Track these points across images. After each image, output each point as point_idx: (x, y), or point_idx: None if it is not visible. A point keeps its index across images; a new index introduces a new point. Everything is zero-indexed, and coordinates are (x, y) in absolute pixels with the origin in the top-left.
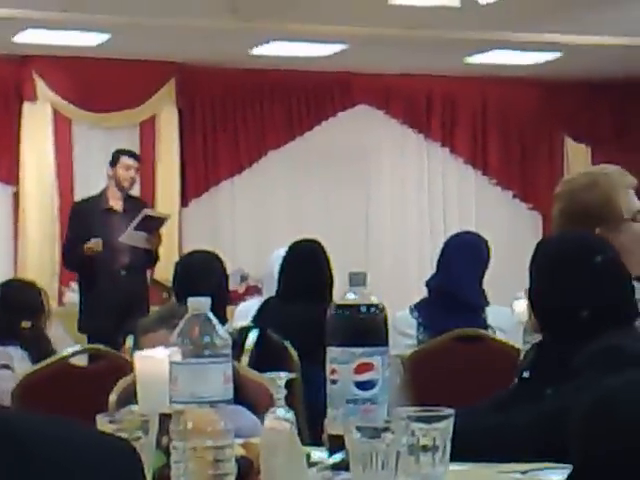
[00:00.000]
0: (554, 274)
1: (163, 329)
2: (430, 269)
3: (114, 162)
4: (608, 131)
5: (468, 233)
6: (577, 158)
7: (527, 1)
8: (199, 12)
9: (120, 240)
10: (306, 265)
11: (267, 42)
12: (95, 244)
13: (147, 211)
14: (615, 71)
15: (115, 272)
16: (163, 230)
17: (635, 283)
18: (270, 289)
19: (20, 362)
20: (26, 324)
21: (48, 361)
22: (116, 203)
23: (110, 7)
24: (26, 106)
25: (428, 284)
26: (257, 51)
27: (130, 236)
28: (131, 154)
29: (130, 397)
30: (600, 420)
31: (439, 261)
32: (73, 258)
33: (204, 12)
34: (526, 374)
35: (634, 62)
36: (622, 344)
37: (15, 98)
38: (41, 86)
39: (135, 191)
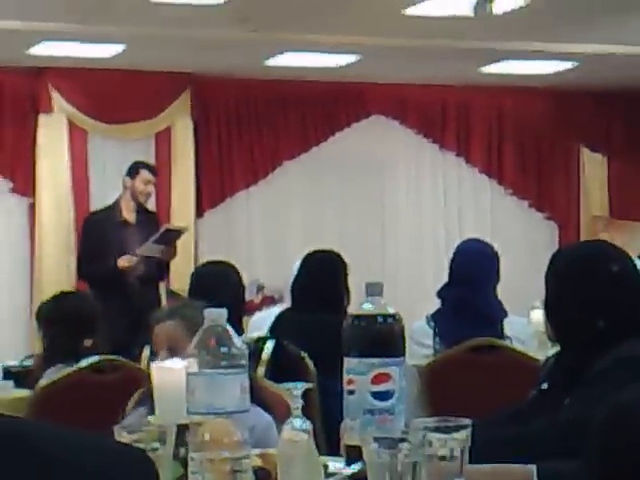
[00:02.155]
0: (570, 284)
1: (172, 320)
2: (446, 279)
3: (133, 174)
4: (624, 141)
5: (476, 241)
6: (593, 168)
7: (541, 10)
8: (213, 23)
9: (138, 252)
10: (322, 275)
11: (281, 53)
12: (128, 261)
13: (167, 225)
14: (631, 80)
15: (129, 283)
16: (179, 241)
17: None
18: (289, 300)
19: None
20: (88, 342)
21: (65, 372)
22: (130, 215)
23: (124, 19)
24: (42, 118)
25: (440, 294)
26: (271, 62)
27: (148, 248)
28: (151, 168)
29: (147, 397)
30: (619, 431)
31: (451, 271)
32: (87, 270)
33: (218, 23)
34: (544, 386)
35: None
36: (638, 353)
37: (31, 110)
38: (57, 98)
39: (151, 202)
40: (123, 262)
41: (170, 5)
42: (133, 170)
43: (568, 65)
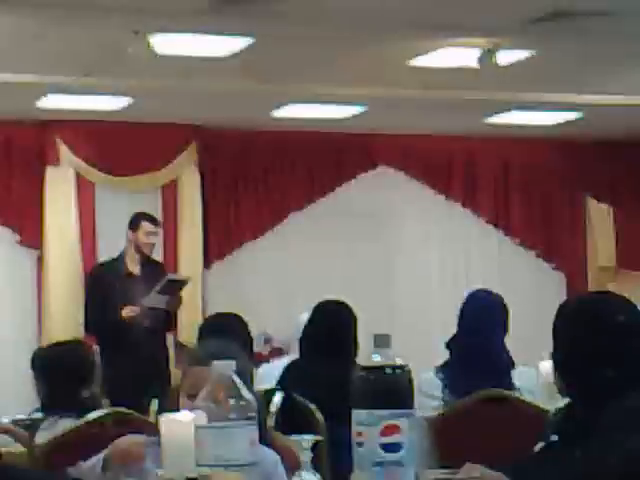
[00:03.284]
0: (577, 335)
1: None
2: (453, 330)
3: (135, 227)
4: (630, 191)
5: (484, 291)
6: (599, 218)
7: (546, 61)
8: (219, 75)
9: (143, 303)
10: (332, 326)
11: (287, 104)
12: (132, 311)
13: (170, 276)
14: (635, 130)
15: (136, 335)
16: (186, 292)
17: None
18: (297, 351)
19: None
20: (85, 393)
21: (73, 426)
22: (134, 268)
23: (130, 71)
24: (49, 170)
25: (449, 345)
26: (277, 113)
27: (152, 299)
28: (152, 219)
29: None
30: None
31: (460, 322)
32: (94, 322)
33: (224, 75)
34: (554, 437)
35: None
36: None
37: (38, 163)
38: (64, 150)
39: (157, 254)
40: (127, 312)
41: (176, 57)
42: (134, 223)
43: (573, 115)
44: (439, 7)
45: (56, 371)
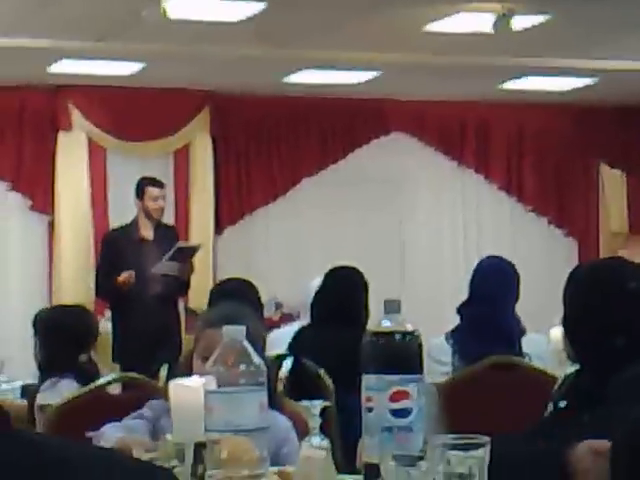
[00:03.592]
0: (587, 302)
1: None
2: (465, 296)
3: (141, 194)
4: None
5: (496, 258)
6: (612, 184)
7: (560, 27)
8: (232, 40)
9: (153, 271)
10: (343, 291)
11: (300, 70)
12: (127, 277)
13: (179, 244)
14: None
15: (147, 301)
16: (197, 258)
17: None
18: (308, 317)
19: None
20: (83, 357)
21: (82, 390)
22: (147, 233)
23: (143, 36)
24: (61, 135)
25: (460, 311)
26: (290, 79)
27: (163, 266)
28: (156, 183)
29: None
30: None
31: (471, 288)
32: (105, 288)
33: (237, 40)
34: (562, 403)
35: None
36: None
37: (50, 128)
38: (76, 116)
39: (169, 219)
40: (120, 278)
41: (189, 22)
42: (139, 190)
43: (587, 81)
44: None
45: (56, 333)
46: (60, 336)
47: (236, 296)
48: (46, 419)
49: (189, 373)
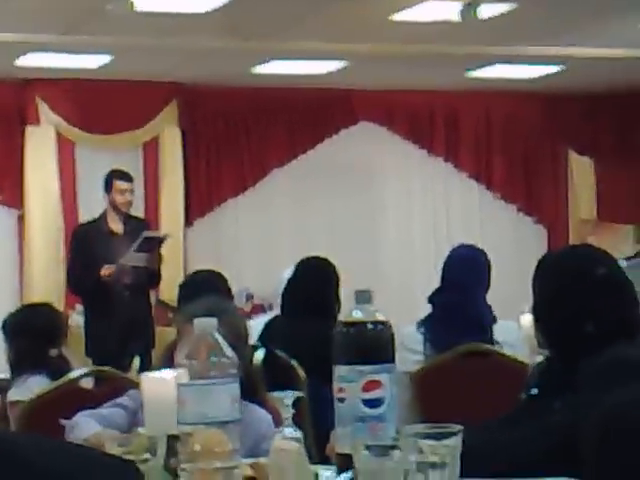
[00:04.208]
0: (556, 289)
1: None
2: (436, 284)
3: (108, 187)
4: (611, 144)
5: (467, 247)
6: (581, 171)
7: (527, 15)
8: (200, 32)
9: (121, 262)
10: (314, 282)
11: (268, 61)
12: (109, 270)
13: (146, 233)
14: (618, 83)
15: (118, 293)
16: (167, 250)
17: None
18: (279, 308)
19: None
20: (53, 352)
21: (54, 384)
22: (116, 226)
23: (110, 29)
24: (29, 129)
25: (431, 299)
26: (258, 70)
27: (130, 257)
28: (123, 176)
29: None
30: (613, 434)
31: (443, 276)
32: (77, 282)
33: (205, 32)
34: (534, 391)
35: (636, 74)
36: (627, 356)
37: (18, 122)
38: (44, 109)
39: (139, 212)
40: (104, 271)
41: (156, 15)
42: (107, 183)
43: (555, 69)
44: None
45: (24, 332)
46: (28, 334)
47: (206, 288)
48: (17, 415)
49: (171, 366)
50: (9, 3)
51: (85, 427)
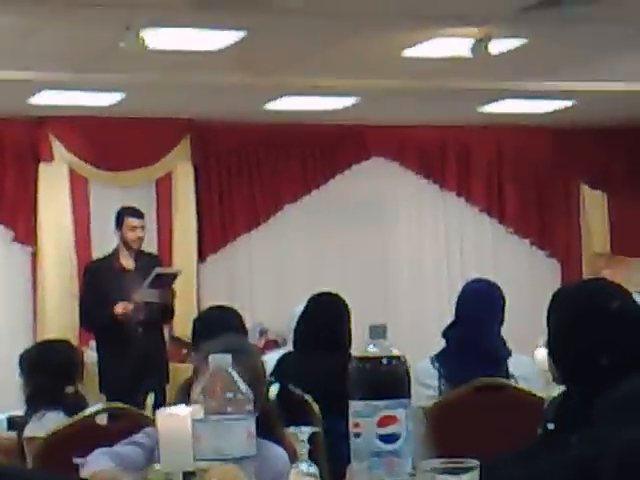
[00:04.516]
0: (570, 323)
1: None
2: (449, 319)
3: (119, 224)
4: (623, 177)
5: (481, 281)
6: (593, 205)
7: (538, 50)
8: (212, 69)
9: (134, 298)
10: (326, 317)
11: (280, 97)
12: (124, 308)
13: (158, 269)
14: (628, 117)
15: (132, 329)
16: (180, 286)
17: None
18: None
19: None
20: (69, 389)
21: (69, 421)
22: (128, 262)
23: (123, 66)
24: (42, 166)
25: (445, 334)
26: (271, 106)
27: (143, 294)
28: (134, 213)
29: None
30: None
31: (457, 311)
32: (88, 318)
33: (217, 69)
34: (550, 425)
35: None
36: None
37: (32, 159)
38: (57, 146)
39: (152, 248)
40: (118, 309)
41: (168, 52)
42: (118, 220)
43: (566, 103)
44: None
45: (41, 368)
46: (45, 370)
47: (220, 324)
48: (33, 451)
49: (186, 403)
50: (23, 41)
51: (95, 463)
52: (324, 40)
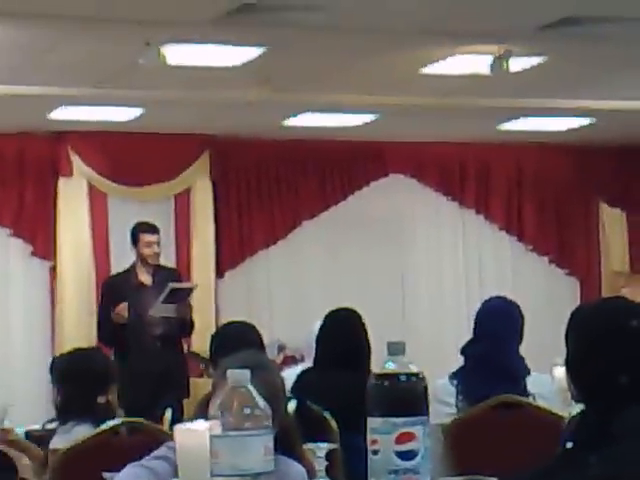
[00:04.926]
0: (590, 342)
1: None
2: (467, 336)
3: (135, 241)
4: None
5: (500, 298)
6: (612, 223)
7: (558, 68)
8: (231, 85)
9: (150, 313)
10: (343, 333)
11: (299, 113)
12: (122, 308)
13: (172, 285)
14: None
15: (149, 344)
16: (198, 301)
17: None
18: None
19: None
20: (101, 399)
21: (87, 435)
22: (145, 278)
23: (142, 82)
24: (62, 181)
25: (464, 351)
26: (290, 122)
27: (159, 309)
28: (149, 229)
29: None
30: None
31: (475, 328)
32: (107, 333)
33: (236, 85)
34: (569, 445)
35: None
36: None
37: (51, 174)
38: (76, 161)
39: (171, 263)
40: (116, 312)
41: (188, 68)
42: (134, 236)
43: (586, 121)
44: (450, 15)
45: (73, 376)
46: (77, 379)
47: (239, 340)
48: (53, 464)
49: (205, 419)
50: (43, 57)
51: (126, 479)
52: (343, 57)
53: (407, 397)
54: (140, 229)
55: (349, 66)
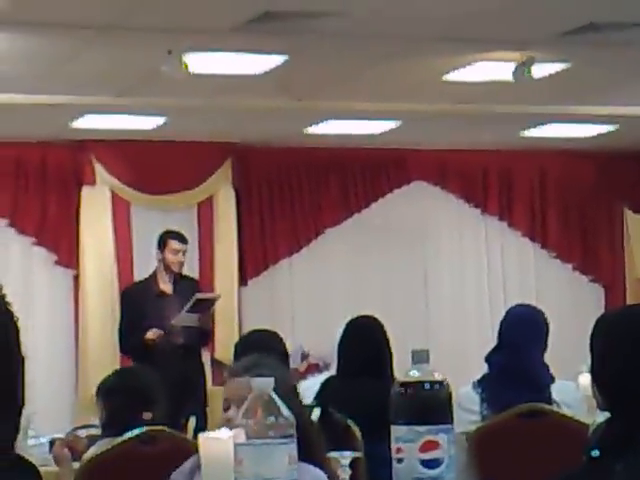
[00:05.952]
0: (614, 349)
1: (246, 376)
2: (491, 344)
3: (162, 245)
4: None
5: (525, 306)
6: (637, 229)
7: (581, 74)
8: (254, 93)
9: (173, 323)
10: (365, 341)
11: (322, 121)
12: (155, 334)
13: (198, 295)
14: None
15: (170, 353)
16: (222, 310)
17: None
18: None
19: None
20: (147, 415)
21: (110, 444)
22: (166, 286)
23: (164, 90)
24: (85, 190)
25: (488, 359)
26: (312, 130)
27: (183, 318)
28: (178, 237)
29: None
30: None
31: (500, 336)
32: (128, 343)
33: (258, 93)
34: (595, 453)
35: None
36: None
37: (74, 182)
38: (99, 170)
39: (194, 272)
40: (149, 334)
41: (210, 76)
42: (161, 241)
43: (609, 128)
44: (473, 21)
45: (119, 392)
46: (121, 394)
47: (262, 347)
48: (77, 474)
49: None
50: (65, 66)
51: None
52: (365, 64)
53: (431, 405)
54: (169, 235)
55: (371, 73)
